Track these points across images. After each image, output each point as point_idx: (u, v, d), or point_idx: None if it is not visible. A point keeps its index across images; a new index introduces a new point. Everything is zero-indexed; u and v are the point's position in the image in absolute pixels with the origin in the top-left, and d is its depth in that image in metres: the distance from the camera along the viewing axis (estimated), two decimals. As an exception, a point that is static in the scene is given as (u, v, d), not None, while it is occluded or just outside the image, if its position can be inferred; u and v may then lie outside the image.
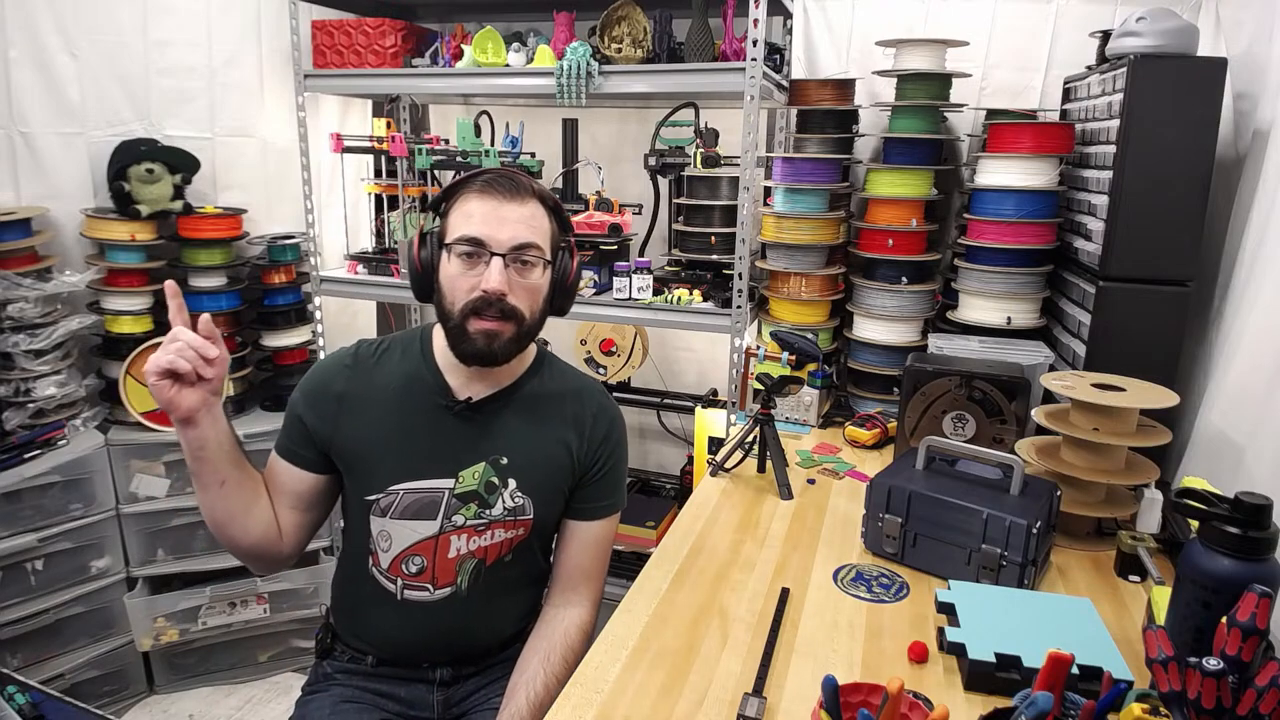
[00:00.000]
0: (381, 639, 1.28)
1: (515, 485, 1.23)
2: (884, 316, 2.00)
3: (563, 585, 1.29)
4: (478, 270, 1.13)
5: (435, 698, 1.29)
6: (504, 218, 1.13)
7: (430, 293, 1.20)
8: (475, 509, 1.22)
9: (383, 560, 1.22)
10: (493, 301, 1.12)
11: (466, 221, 1.13)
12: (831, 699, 0.82)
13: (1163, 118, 1.51)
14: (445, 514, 1.21)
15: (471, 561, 1.23)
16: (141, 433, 2.25)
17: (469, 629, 1.27)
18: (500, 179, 1.16)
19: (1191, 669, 0.83)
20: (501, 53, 2.07)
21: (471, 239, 1.12)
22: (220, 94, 2.36)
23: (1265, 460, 1.30)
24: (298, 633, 2.47)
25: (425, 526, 1.21)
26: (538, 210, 1.17)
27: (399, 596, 1.23)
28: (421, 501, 1.20)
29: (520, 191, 1.15)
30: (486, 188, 1.14)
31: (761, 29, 1.76)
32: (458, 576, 1.23)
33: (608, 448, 1.29)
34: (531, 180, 1.19)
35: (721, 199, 2.10)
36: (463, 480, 1.21)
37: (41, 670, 2.11)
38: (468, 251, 1.13)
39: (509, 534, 1.24)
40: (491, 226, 1.12)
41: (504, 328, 1.15)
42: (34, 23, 2.13)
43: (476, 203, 1.14)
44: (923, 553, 1.28)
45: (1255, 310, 1.41)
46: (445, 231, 1.17)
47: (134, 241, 2.22)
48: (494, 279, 1.12)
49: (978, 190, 1.87)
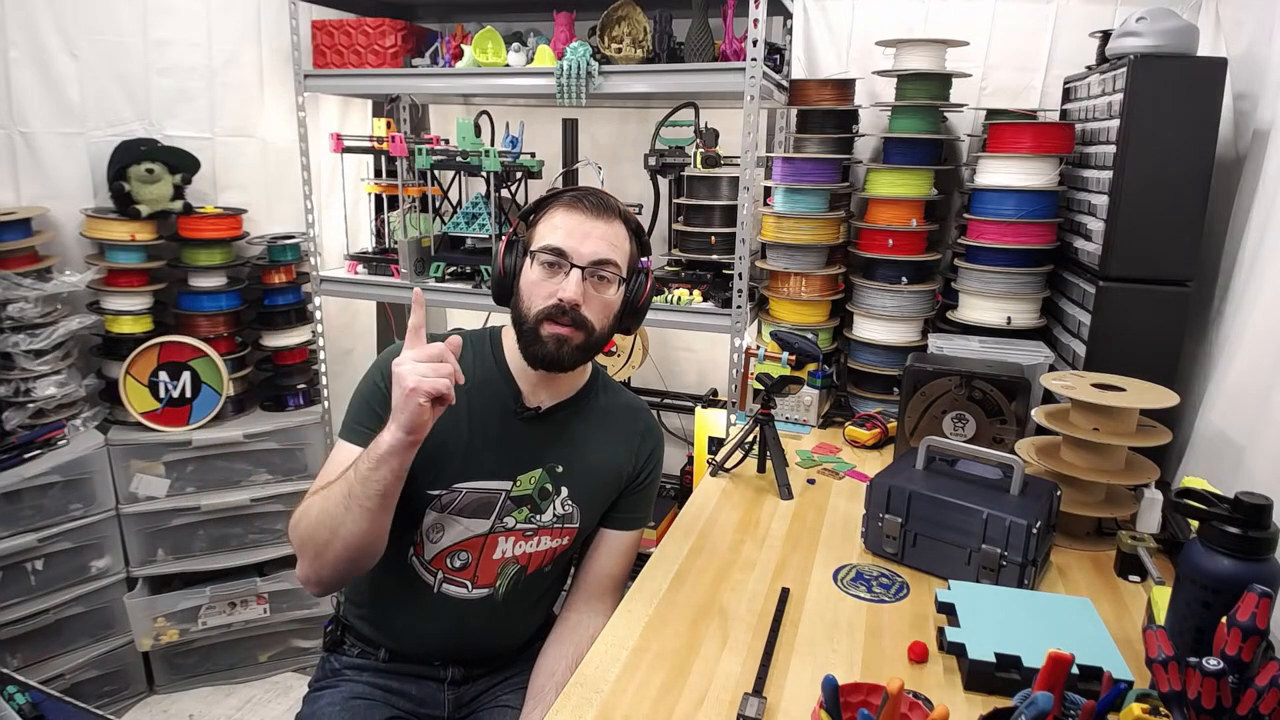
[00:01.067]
0: (404, 632, 1.27)
1: (567, 493, 1.26)
2: (884, 316, 2.00)
3: (589, 593, 1.32)
4: (557, 279, 1.17)
5: (446, 696, 1.29)
6: (588, 233, 1.17)
7: (509, 295, 1.23)
8: (527, 513, 1.24)
9: (427, 551, 1.23)
10: (567, 310, 1.16)
11: (553, 232, 1.18)
12: (831, 699, 0.82)
13: (1163, 118, 1.51)
14: (499, 514, 1.23)
15: (514, 567, 1.26)
16: (141, 433, 2.26)
17: (492, 633, 1.29)
18: (590, 196, 1.20)
19: (1191, 669, 0.83)
20: (501, 53, 2.07)
21: (555, 249, 1.16)
22: (220, 94, 2.36)
23: (1265, 460, 1.30)
24: (298, 633, 2.47)
25: (477, 524, 1.22)
26: (621, 231, 1.21)
27: (435, 589, 1.24)
28: (480, 500, 1.22)
29: (607, 210, 1.20)
30: (575, 203, 1.19)
31: (761, 29, 1.76)
32: (497, 580, 1.25)
33: (652, 464, 1.35)
34: (619, 202, 1.23)
35: (721, 199, 2.10)
36: (519, 484, 1.24)
37: (41, 670, 2.11)
38: (550, 261, 1.17)
39: (554, 543, 1.27)
40: (575, 240, 1.16)
41: (574, 335, 1.18)
42: (34, 23, 2.13)
43: (564, 216, 1.18)
44: (923, 553, 1.28)
45: (1255, 310, 1.41)
46: (531, 240, 1.20)
47: (134, 241, 2.22)
48: (571, 289, 1.15)
49: (978, 190, 1.87)
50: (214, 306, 2.36)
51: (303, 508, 1.13)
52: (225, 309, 2.38)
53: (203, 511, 2.29)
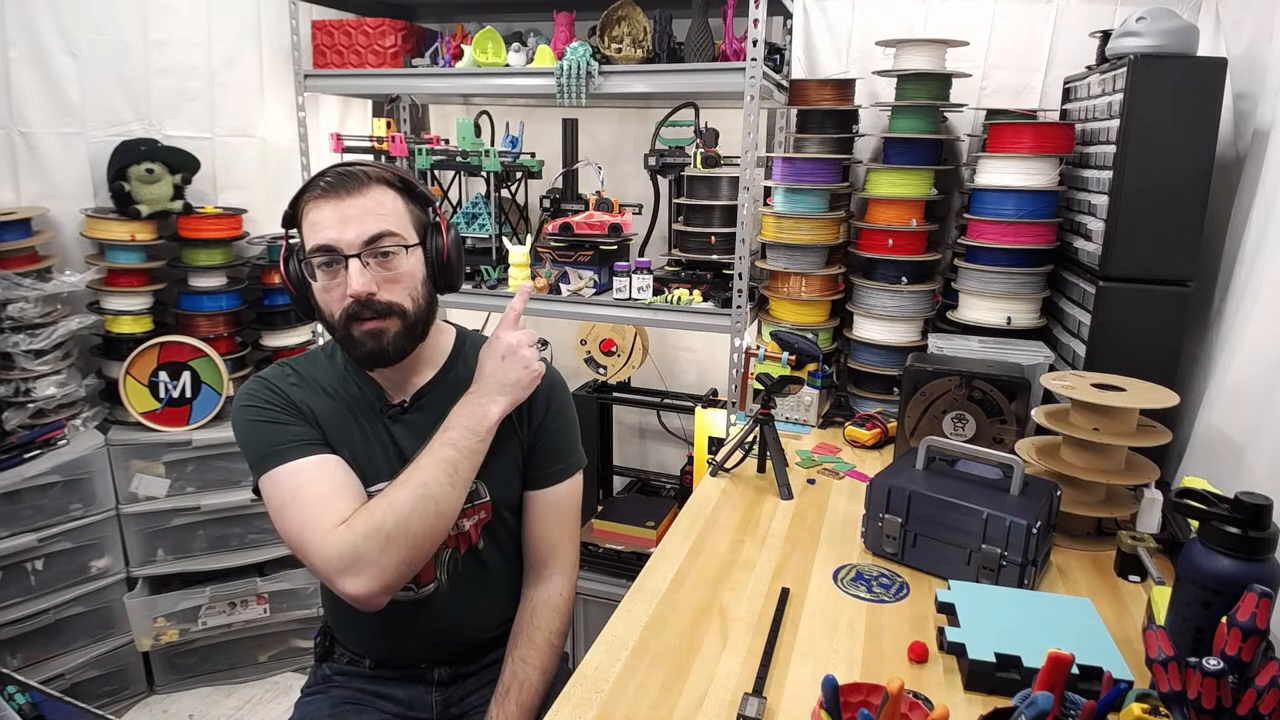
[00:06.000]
0: (376, 642, 1.27)
1: None
2: (884, 316, 2.00)
3: (533, 562, 1.28)
4: (341, 278, 1.10)
5: (434, 698, 1.29)
6: (346, 216, 1.08)
7: (313, 311, 1.17)
8: None
9: None
10: (365, 303, 1.09)
11: (313, 231, 1.10)
12: (831, 699, 0.82)
13: (1163, 118, 1.51)
14: None
15: (446, 552, 1.23)
16: (141, 433, 2.25)
17: (457, 623, 1.26)
18: (334, 176, 1.11)
19: (1191, 669, 0.83)
20: (501, 53, 2.07)
21: (322, 247, 1.09)
22: (220, 94, 2.36)
23: (1265, 460, 1.30)
24: (298, 633, 2.47)
25: None
26: (383, 196, 1.12)
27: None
28: None
29: (357, 183, 1.10)
30: (324, 191, 1.10)
31: (761, 29, 1.76)
32: (436, 571, 1.23)
33: (547, 411, 1.26)
34: (372, 166, 1.14)
35: (721, 199, 2.10)
36: None
37: (41, 670, 2.11)
38: (325, 261, 1.09)
39: (472, 520, 1.23)
40: (336, 229, 1.08)
41: (387, 324, 1.12)
42: (34, 23, 2.13)
43: (317, 209, 1.10)
44: (923, 553, 1.28)
45: (1255, 310, 1.41)
46: (303, 247, 1.13)
47: (134, 241, 2.22)
48: (355, 282, 1.08)
49: (978, 190, 1.87)
50: (214, 306, 2.36)
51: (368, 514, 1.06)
52: (225, 309, 2.38)
53: (203, 511, 2.29)
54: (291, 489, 1.10)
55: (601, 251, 2.10)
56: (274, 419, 1.14)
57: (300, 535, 1.07)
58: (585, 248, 2.10)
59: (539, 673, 1.20)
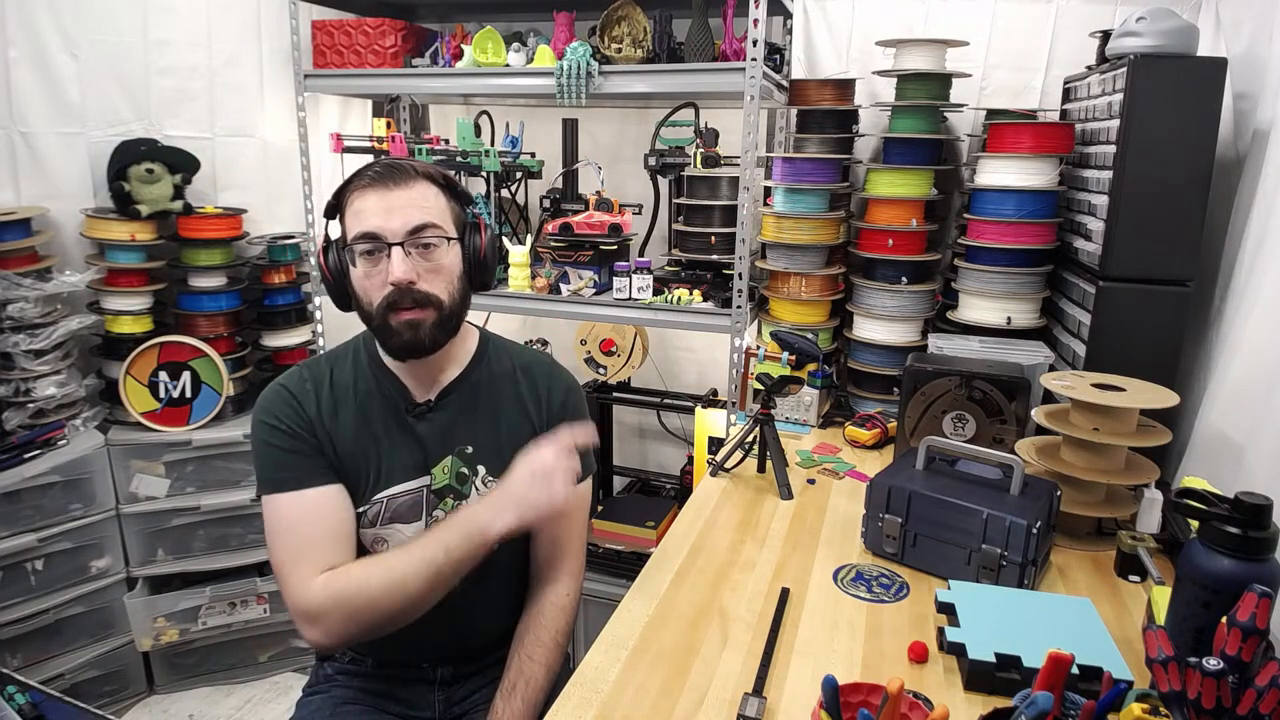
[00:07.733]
0: (378, 642, 1.27)
1: (485, 471, 1.24)
2: (884, 316, 2.00)
3: (542, 563, 1.29)
4: (382, 266, 1.12)
5: (436, 698, 1.29)
6: (391, 206, 1.11)
7: (349, 300, 1.19)
8: (452, 502, 1.23)
9: None
10: (405, 291, 1.12)
11: (358, 219, 1.12)
12: (831, 699, 0.82)
13: (1163, 118, 1.51)
14: (427, 511, 1.22)
15: None
16: (141, 433, 2.26)
17: (464, 622, 1.27)
18: (381, 168, 1.14)
19: (1191, 669, 0.83)
20: (501, 53, 2.07)
21: (366, 235, 1.11)
22: (220, 94, 2.36)
23: (1265, 460, 1.30)
24: (298, 633, 2.44)
25: (413, 527, 1.21)
26: (427, 190, 1.15)
27: None
28: (405, 504, 1.21)
29: (404, 175, 1.14)
30: (371, 181, 1.13)
31: (761, 29, 1.76)
32: None
33: (563, 414, 1.28)
34: (418, 162, 1.17)
35: (721, 199, 2.10)
36: (436, 476, 1.22)
37: (41, 670, 2.11)
38: (368, 249, 1.12)
39: None
40: (381, 218, 1.11)
41: (424, 315, 1.14)
42: (34, 23, 2.13)
43: (363, 199, 1.13)
44: (923, 553, 1.28)
45: (1255, 310, 1.41)
46: (345, 236, 1.16)
47: (134, 241, 2.22)
48: (397, 269, 1.10)
49: (978, 190, 1.87)
50: (214, 306, 2.36)
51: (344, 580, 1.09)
52: (225, 309, 2.38)
53: (203, 511, 2.29)
54: (287, 521, 1.14)
55: (601, 251, 2.10)
56: (287, 445, 1.16)
57: (281, 569, 1.13)
58: (585, 248, 2.10)
59: (545, 670, 1.20)
